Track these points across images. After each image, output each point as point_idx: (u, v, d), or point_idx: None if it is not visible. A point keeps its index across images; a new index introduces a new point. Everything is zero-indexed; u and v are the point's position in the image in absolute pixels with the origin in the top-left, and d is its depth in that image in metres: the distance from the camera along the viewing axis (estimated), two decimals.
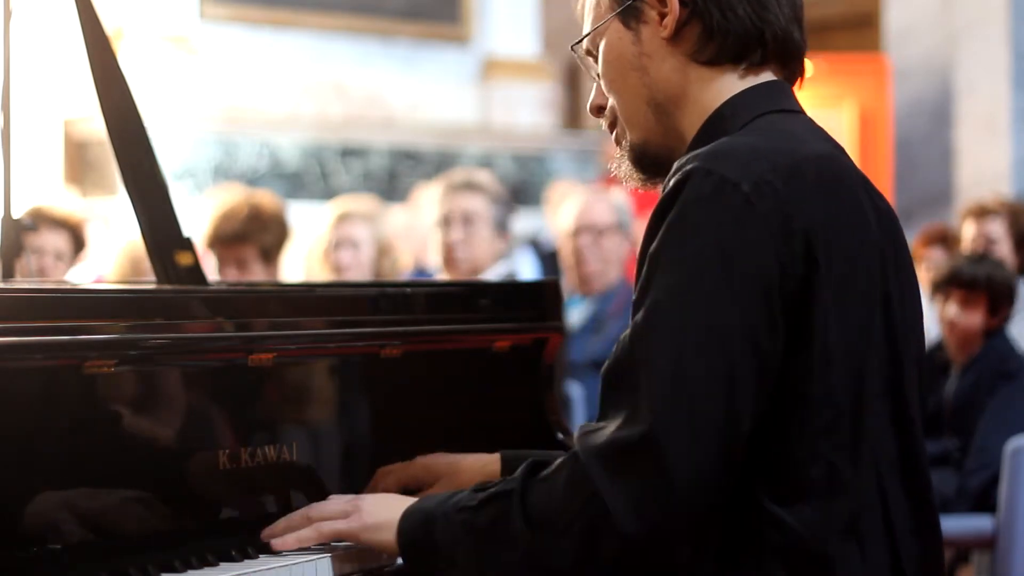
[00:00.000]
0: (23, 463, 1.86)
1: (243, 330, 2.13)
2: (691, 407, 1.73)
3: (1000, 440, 4.18)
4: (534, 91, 10.18)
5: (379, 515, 1.96)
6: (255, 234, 4.45)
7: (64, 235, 4.53)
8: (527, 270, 7.05)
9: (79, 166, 8.56)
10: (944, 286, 4.63)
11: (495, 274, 5.05)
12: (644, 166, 2.00)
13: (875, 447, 1.82)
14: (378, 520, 1.96)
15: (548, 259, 7.45)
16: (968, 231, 5.84)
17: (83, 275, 5.30)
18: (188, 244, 2.46)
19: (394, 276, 5.27)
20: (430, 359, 2.41)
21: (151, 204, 2.44)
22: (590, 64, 2.04)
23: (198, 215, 4.80)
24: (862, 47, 10.62)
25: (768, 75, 1.95)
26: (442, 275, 5.21)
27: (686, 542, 1.78)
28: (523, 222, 7.73)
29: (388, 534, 1.94)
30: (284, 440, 2.17)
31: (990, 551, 4.23)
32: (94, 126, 7.82)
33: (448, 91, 9.85)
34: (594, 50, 2.02)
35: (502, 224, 5.16)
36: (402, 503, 1.97)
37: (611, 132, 2.04)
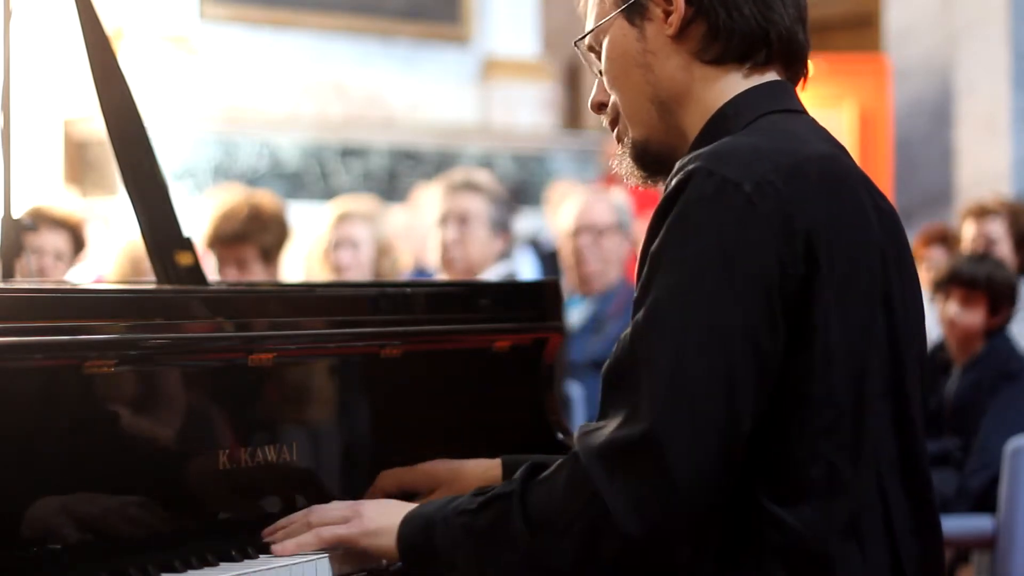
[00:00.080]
0: (23, 463, 1.86)
1: (243, 330, 2.13)
2: (691, 407, 1.72)
3: (1001, 440, 4.18)
4: (534, 91, 10.18)
5: (379, 520, 1.96)
6: (255, 234, 4.45)
7: (64, 235, 4.52)
8: (527, 270, 7.04)
9: (79, 166, 8.56)
10: (944, 285, 4.63)
11: (495, 274, 5.04)
12: (645, 164, 2.00)
13: (876, 447, 1.82)
14: (378, 525, 1.96)
15: (548, 259, 7.44)
16: (968, 231, 5.83)
17: (83, 275, 5.29)
18: (188, 244, 2.46)
19: (394, 276, 5.27)
20: (430, 359, 2.41)
21: (151, 204, 2.44)
22: (592, 60, 2.04)
23: (198, 215, 4.80)
24: (862, 47, 10.61)
25: (772, 75, 1.95)
26: (441, 275, 5.21)
27: (686, 542, 1.78)
28: (523, 222, 7.73)
29: (388, 539, 1.94)
30: (284, 440, 2.16)
31: (990, 551, 4.22)
32: (94, 126, 7.82)
33: (448, 91, 9.85)
34: (597, 46, 2.01)
35: (501, 224, 5.14)
36: (402, 509, 1.97)
37: (612, 129, 2.03)
